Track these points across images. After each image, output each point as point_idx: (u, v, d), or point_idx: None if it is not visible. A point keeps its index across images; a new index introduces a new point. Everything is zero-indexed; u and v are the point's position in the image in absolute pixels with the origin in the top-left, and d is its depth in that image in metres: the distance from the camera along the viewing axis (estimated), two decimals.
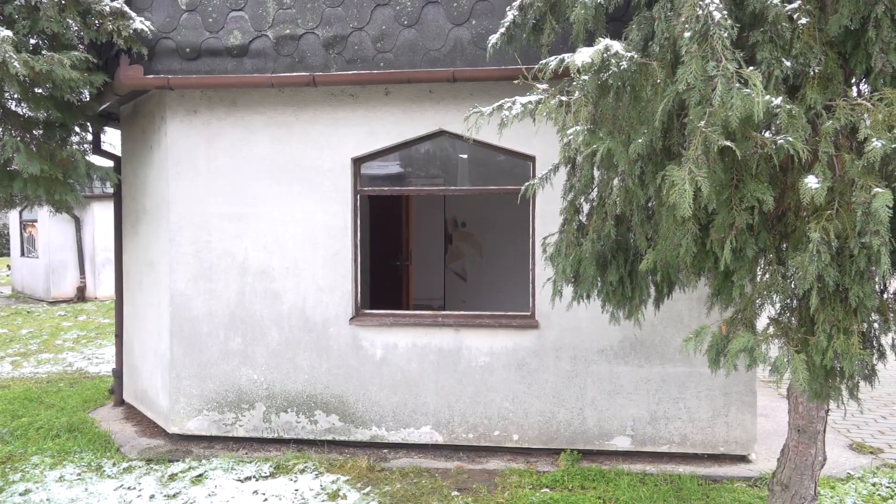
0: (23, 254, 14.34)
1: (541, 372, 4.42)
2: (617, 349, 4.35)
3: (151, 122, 4.96)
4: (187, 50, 4.38)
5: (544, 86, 2.61)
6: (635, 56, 2.32)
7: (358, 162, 4.62)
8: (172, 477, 4.08)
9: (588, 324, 4.34)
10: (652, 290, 2.89)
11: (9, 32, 3.76)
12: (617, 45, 2.30)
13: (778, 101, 2.06)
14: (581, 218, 2.98)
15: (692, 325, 4.24)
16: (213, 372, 4.70)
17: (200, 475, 4.09)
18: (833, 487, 3.80)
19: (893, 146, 2.01)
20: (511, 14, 3.12)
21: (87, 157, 4.74)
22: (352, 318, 4.57)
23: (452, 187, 4.62)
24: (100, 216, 12.89)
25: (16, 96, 4.27)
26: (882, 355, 2.49)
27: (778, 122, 2.14)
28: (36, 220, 13.41)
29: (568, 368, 4.39)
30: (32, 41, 4.23)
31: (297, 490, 3.82)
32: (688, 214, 2.00)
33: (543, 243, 3.11)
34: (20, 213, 13.73)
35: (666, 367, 4.32)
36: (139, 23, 4.24)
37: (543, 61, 2.58)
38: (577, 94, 2.43)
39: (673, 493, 3.74)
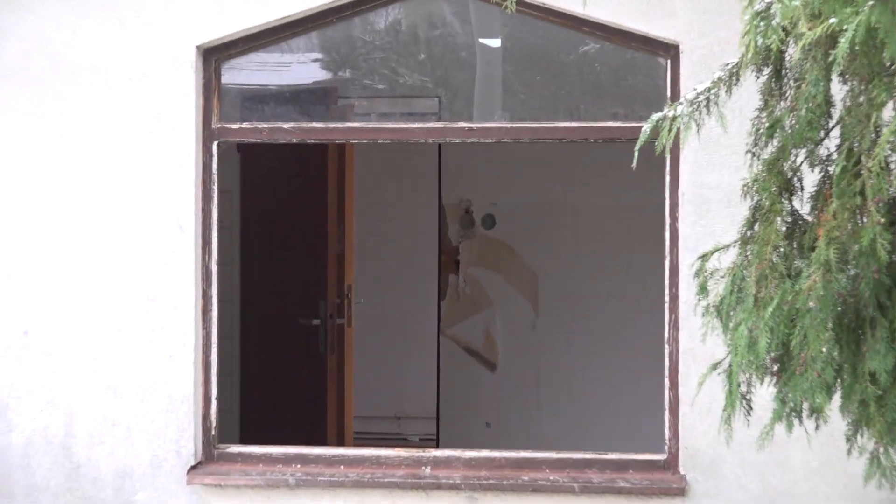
0: None
1: None
2: None
3: None
4: None
5: None
6: None
7: (215, 56, 4.73)
8: None
9: (815, 480, 4.44)
10: None
11: None
12: None
13: None
14: (797, 205, 3.02)
15: None
16: None
17: None
18: None
19: None
20: None
21: None
22: (195, 467, 4.67)
23: (462, 124, 4.70)
24: None
25: None
26: None
27: None
28: None
29: None
30: None
31: None
32: None
33: (700, 270, 3.13)
34: None
35: None
36: None
37: None
38: None
39: None
